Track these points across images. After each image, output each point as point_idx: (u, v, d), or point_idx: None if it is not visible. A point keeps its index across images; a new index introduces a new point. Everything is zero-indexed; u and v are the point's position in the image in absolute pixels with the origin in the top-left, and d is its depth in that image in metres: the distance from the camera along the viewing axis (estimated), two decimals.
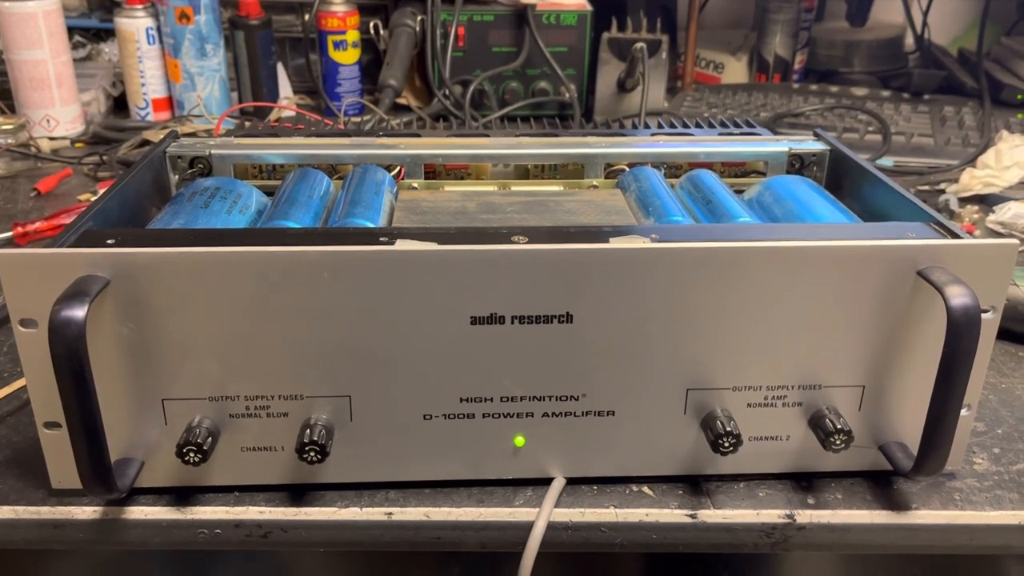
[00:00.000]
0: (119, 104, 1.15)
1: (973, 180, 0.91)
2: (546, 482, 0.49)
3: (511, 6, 1.11)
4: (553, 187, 0.62)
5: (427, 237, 0.46)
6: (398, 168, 0.62)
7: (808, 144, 0.64)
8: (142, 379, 0.45)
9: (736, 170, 0.64)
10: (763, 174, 0.64)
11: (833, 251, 0.45)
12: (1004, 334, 0.65)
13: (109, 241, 0.45)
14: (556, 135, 0.66)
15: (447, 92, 1.04)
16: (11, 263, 0.43)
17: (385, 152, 0.62)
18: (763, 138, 0.65)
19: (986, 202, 0.91)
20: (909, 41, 1.31)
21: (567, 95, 1.10)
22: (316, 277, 0.44)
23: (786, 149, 0.63)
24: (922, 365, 0.48)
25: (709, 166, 0.63)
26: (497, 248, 0.44)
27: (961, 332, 0.43)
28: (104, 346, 0.44)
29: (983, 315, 0.46)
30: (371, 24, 1.15)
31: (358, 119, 1.06)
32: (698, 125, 0.69)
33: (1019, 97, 1.12)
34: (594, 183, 0.62)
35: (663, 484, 0.50)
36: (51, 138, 1.03)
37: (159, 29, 1.06)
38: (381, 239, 0.45)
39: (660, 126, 0.69)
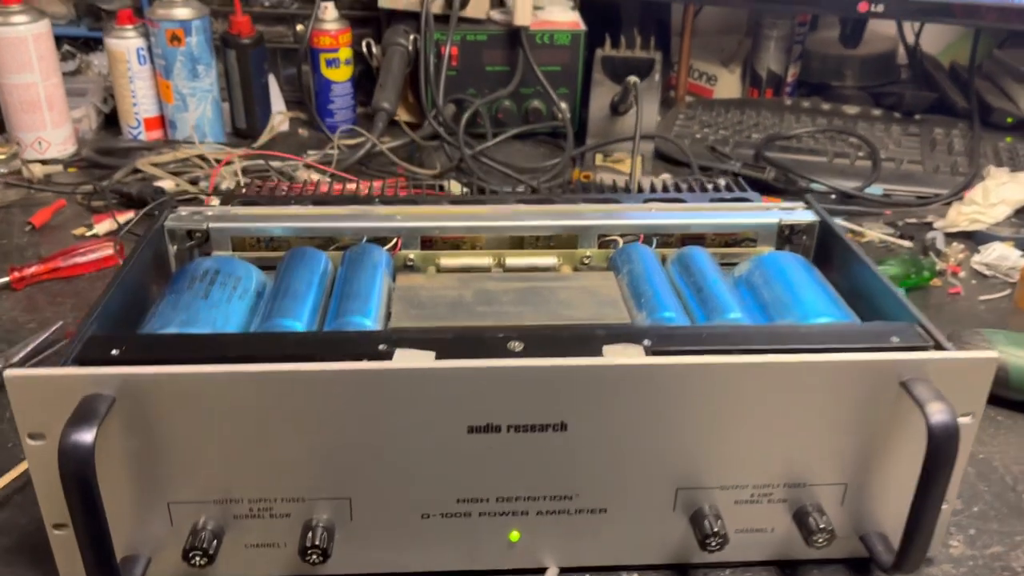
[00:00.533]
0: (110, 119, 1.15)
1: (960, 216, 0.92)
2: (540, 572, 0.51)
3: (504, 26, 1.11)
4: (547, 258, 0.63)
5: (425, 343, 0.47)
6: (395, 240, 0.62)
7: (798, 215, 0.65)
8: (148, 483, 0.47)
9: (727, 238, 0.65)
10: (754, 240, 0.65)
11: (820, 366, 0.46)
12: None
13: (114, 352, 0.47)
14: (552, 201, 0.66)
15: (440, 117, 1.04)
16: (20, 384, 0.44)
17: (383, 225, 0.62)
18: (754, 207, 0.66)
19: (973, 239, 0.92)
20: (902, 52, 1.32)
21: (560, 116, 1.10)
22: (316, 392, 0.45)
23: (776, 220, 0.64)
24: (903, 463, 0.49)
25: (701, 237, 0.64)
26: (494, 365, 0.45)
27: (940, 447, 0.45)
28: (110, 454, 0.45)
29: (962, 419, 0.47)
30: (364, 41, 1.14)
31: (352, 141, 1.07)
32: (690, 188, 0.70)
33: (1008, 120, 1.13)
34: (588, 253, 0.63)
35: (653, 572, 0.52)
36: (43, 161, 1.03)
37: (150, 49, 1.06)
38: (380, 347, 0.47)
39: (653, 189, 0.70)
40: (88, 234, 0.89)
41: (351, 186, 0.97)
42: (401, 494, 0.48)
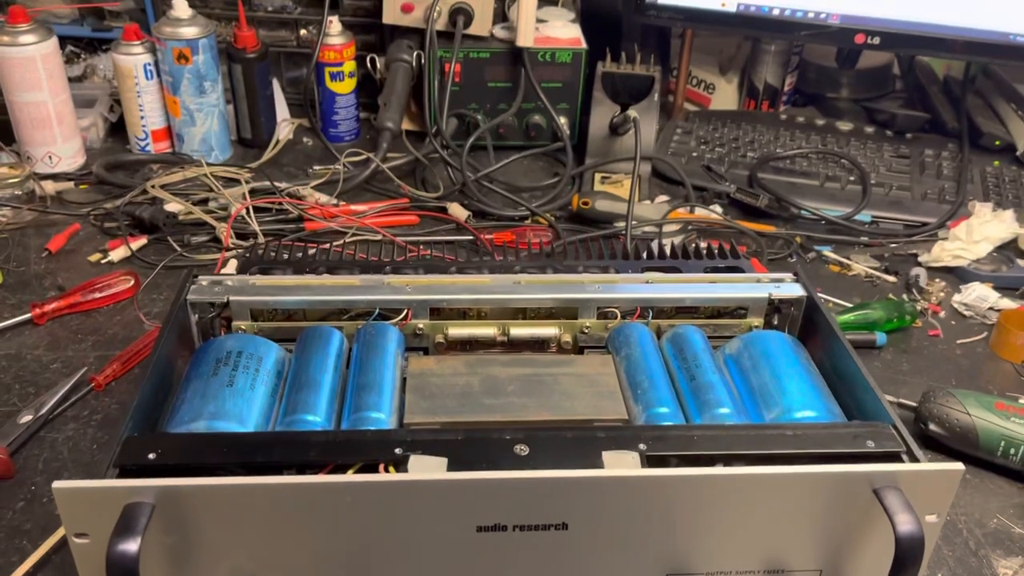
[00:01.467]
0: (116, 126, 1.17)
1: (944, 253, 0.96)
2: None
3: (507, 43, 1.12)
4: (549, 328, 0.67)
5: (437, 445, 0.51)
6: (405, 311, 0.66)
7: (787, 288, 0.68)
8: (183, 571, 0.51)
9: (720, 308, 0.69)
10: (745, 311, 0.69)
11: (800, 477, 0.51)
12: (953, 453, 0.72)
13: (151, 456, 0.51)
14: (555, 268, 0.70)
15: (443, 140, 1.06)
16: (67, 495, 0.48)
17: (394, 297, 0.66)
18: (746, 279, 0.69)
19: (955, 274, 0.96)
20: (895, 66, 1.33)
21: (560, 135, 1.12)
22: (338, 499, 0.49)
23: (766, 295, 0.68)
24: (874, 551, 0.54)
25: (695, 310, 0.68)
26: (502, 477, 0.49)
27: (907, 554, 0.50)
28: (150, 549, 0.50)
29: (928, 518, 0.52)
30: (368, 57, 1.16)
31: (357, 158, 1.09)
32: (685, 255, 0.73)
33: (996, 143, 1.15)
34: (587, 324, 0.67)
35: None
36: (53, 176, 1.05)
37: (156, 64, 1.07)
38: (396, 451, 0.51)
39: (650, 254, 0.73)
40: (103, 261, 0.92)
41: (357, 207, 1.00)
42: None
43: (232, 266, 0.72)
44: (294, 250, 0.73)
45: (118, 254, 0.92)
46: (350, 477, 0.49)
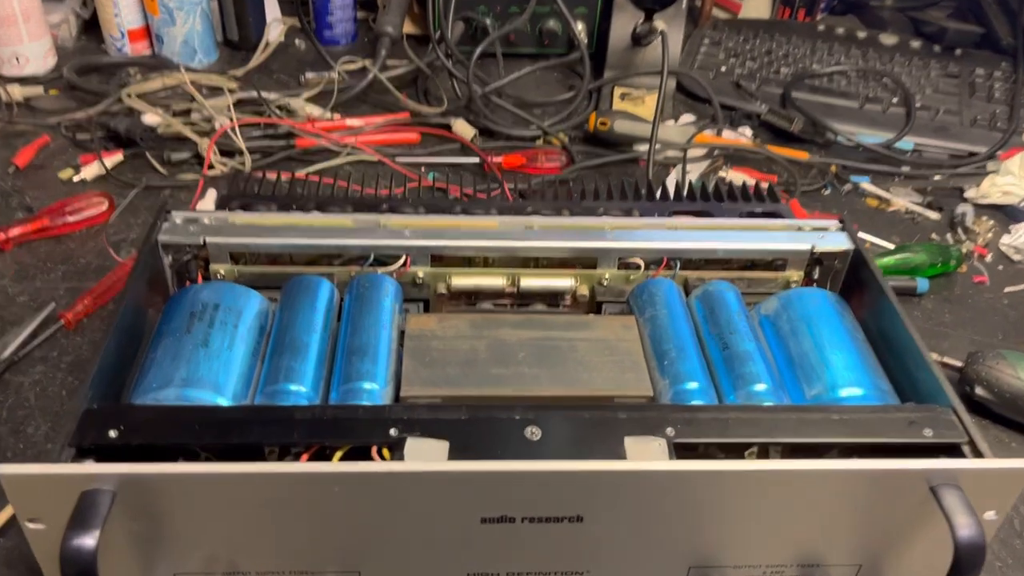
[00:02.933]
0: (91, 24, 1.06)
1: (993, 188, 0.88)
2: None
3: None
4: (564, 279, 0.60)
5: (438, 425, 0.45)
6: (404, 258, 0.59)
7: (832, 240, 0.61)
8: (153, 558, 0.46)
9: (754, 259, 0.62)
10: (784, 262, 0.61)
11: (847, 474, 0.44)
12: (1000, 420, 0.66)
13: (112, 434, 0.45)
14: (570, 209, 0.62)
15: (448, 49, 0.96)
16: (15, 481, 0.42)
17: (391, 243, 0.59)
18: (786, 226, 0.62)
19: (1005, 212, 0.88)
20: None
21: (576, 42, 1.02)
22: (326, 490, 0.43)
23: (809, 247, 0.60)
24: (922, 549, 0.49)
25: (727, 261, 0.61)
26: (511, 469, 0.43)
27: (966, 561, 0.44)
28: (114, 535, 0.44)
29: (987, 515, 0.47)
30: None
31: (353, 66, 0.99)
32: (717, 197, 0.65)
33: None
34: (606, 276, 0.60)
35: None
36: (21, 80, 0.96)
37: None
38: (391, 431, 0.45)
39: (678, 192, 0.66)
40: (76, 179, 0.84)
41: (353, 122, 0.92)
42: (412, 570, 0.47)
43: (211, 198, 0.64)
44: (280, 181, 0.65)
45: (91, 171, 0.84)
46: (338, 466, 0.43)
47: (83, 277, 0.74)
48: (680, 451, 0.47)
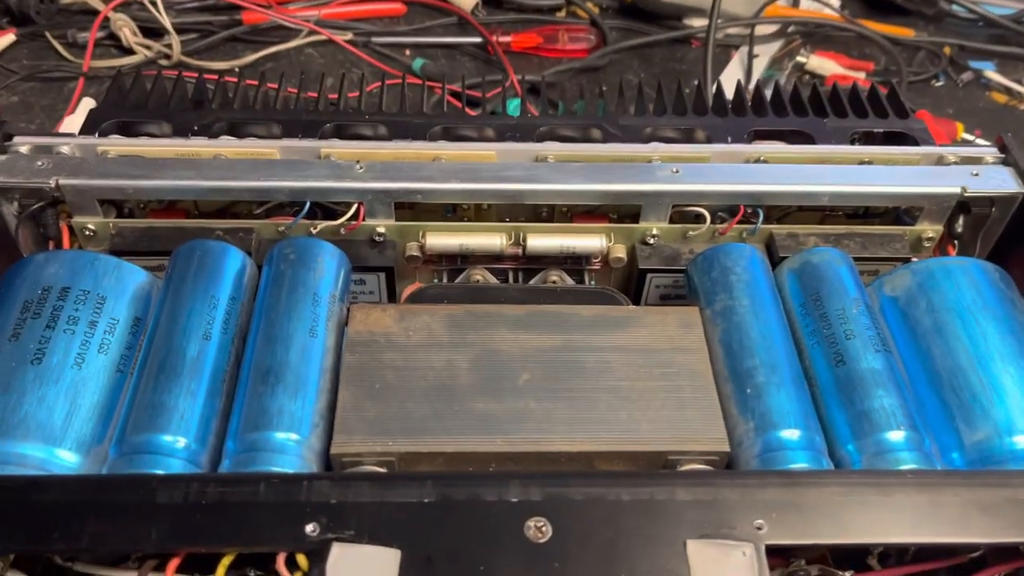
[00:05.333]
0: None
1: None
2: None
3: None
4: (591, 238, 0.41)
5: (384, 524, 0.28)
6: (355, 206, 0.40)
7: (990, 180, 0.41)
8: None
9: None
10: (919, 211, 0.42)
11: None
12: None
13: None
14: (603, 128, 0.43)
15: None
16: None
17: (337, 185, 0.40)
18: (921, 155, 0.42)
19: None
20: None
21: None
22: None
23: (957, 191, 0.40)
24: None
25: (831, 211, 0.41)
26: None
27: None
28: None
29: None
30: None
31: None
32: (817, 108, 0.45)
33: None
34: (654, 231, 0.41)
35: None
36: None
37: None
38: (309, 529, 0.28)
39: (759, 95, 0.45)
40: None
41: None
42: None
43: (87, 108, 0.45)
44: (182, 85, 0.46)
45: None
46: None
47: None
48: (773, 556, 0.29)
